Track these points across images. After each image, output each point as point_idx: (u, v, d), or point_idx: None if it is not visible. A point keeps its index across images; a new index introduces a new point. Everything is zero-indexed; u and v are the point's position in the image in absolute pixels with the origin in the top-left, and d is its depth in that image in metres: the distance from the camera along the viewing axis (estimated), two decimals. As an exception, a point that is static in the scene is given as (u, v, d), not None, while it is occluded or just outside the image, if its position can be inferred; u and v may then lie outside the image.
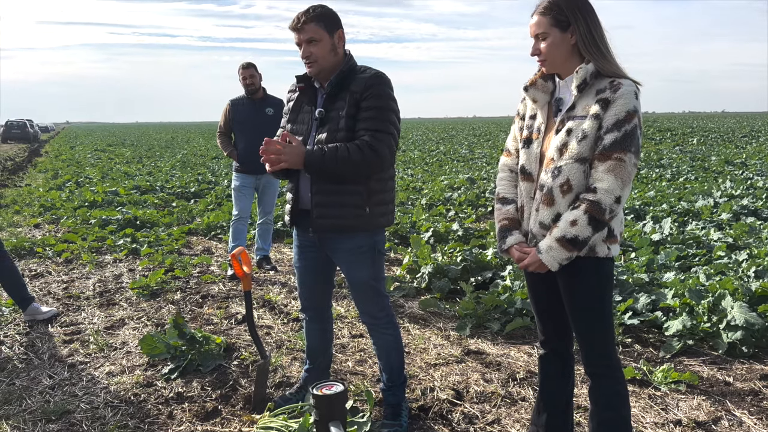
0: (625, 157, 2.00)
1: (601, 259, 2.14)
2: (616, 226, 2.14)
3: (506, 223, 2.29)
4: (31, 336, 4.15)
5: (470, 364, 3.61)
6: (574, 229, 2.04)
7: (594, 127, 2.03)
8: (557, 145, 2.10)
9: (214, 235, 7.65)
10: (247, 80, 5.45)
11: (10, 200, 10.68)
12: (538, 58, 2.18)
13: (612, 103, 2.02)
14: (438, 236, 6.84)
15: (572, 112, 2.11)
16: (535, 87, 2.23)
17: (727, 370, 3.49)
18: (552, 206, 2.12)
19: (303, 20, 2.53)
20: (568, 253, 2.07)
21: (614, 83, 2.05)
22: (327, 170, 2.50)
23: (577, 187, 2.08)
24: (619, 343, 3.84)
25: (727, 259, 5.24)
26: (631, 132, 2.00)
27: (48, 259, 6.37)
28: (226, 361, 3.65)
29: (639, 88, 2.06)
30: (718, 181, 11.31)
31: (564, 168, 2.07)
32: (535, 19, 2.14)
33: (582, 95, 2.10)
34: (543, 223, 2.15)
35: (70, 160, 20.98)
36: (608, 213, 2.02)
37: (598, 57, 2.09)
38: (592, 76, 2.08)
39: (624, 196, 2.03)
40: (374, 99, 2.53)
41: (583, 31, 2.09)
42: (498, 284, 4.71)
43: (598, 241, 2.10)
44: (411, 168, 16.49)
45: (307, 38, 2.54)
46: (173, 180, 13.32)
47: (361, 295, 2.81)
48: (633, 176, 2.04)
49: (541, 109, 2.24)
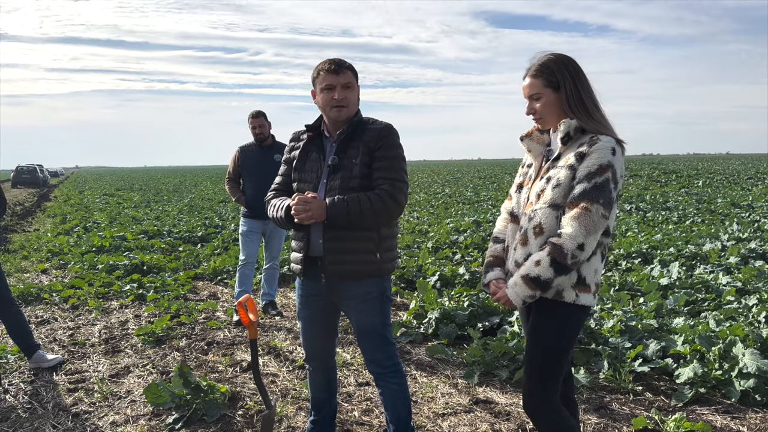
0: (592, 207, 2.09)
1: (569, 305, 2.20)
2: (587, 275, 2.20)
3: (491, 260, 2.47)
4: (36, 384, 4.12)
5: (479, 413, 3.55)
6: (537, 268, 2.14)
7: (568, 177, 2.15)
8: (537, 191, 2.25)
9: (221, 279, 7.65)
10: (256, 129, 5.56)
11: (18, 245, 10.74)
12: (534, 117, 2.32)
13: (587, 156, 2.13)
14: (444, 280, 6.82)
15: (556, 162, 2.24)
16: (531, 138, 2.40)
17: (740, 419, 3.42)
18: (525, 246, 2.24)
19: (344, 66, 2.63)
20: (531, 291, 2.17)
21: (593, 138, 2.16)
22: (351, 222, 2.55)
23: (548, 231, 2.18)
24: (629, 391, 3.78)
25: (737, 303, 5.19)
26: (602, 184, 2.10)
27: (54, 305, 6.37)
28: (230, 411, 3.61)
29: (622, 145, 2.17)
30: (725, 223, 11.29)
31: (538, 212, 2.21)
32: (528, 81, 2.29)
33: (566, 147, 2.23)
34: (517, 261, 2.27)
35: (78, 205, 21.19)
36: (570, 258, 2.10)
37: (581, 115, 2.22)
38: (576, 131, 2.21)
39: (588, 244, 2.10)
40: (388, 149, 2.63)
41: (569, 91, 2.23)
42: (506, 330, 4.67)
43: (567, 286, 2.18)
44: (417, 211, 16.55)
45: (345, 82, 2.63)
46: (180, 224, 13.39)
47: (369, 343, 2.80)
48: (600, 227, 2.11)
49: (536, 159, 2.39)
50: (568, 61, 2.24)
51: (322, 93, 2.65)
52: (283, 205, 2.64)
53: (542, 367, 2.28)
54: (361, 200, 2.53)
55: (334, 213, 2.53)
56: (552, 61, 2.24)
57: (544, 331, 2.26)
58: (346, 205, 2.53)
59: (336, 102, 2.62)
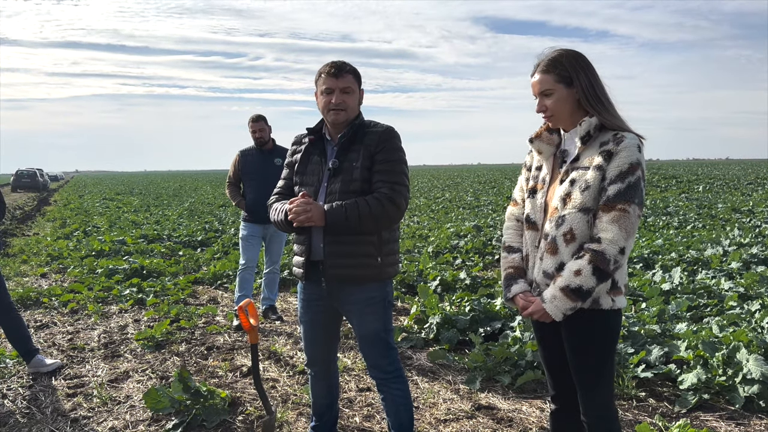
0: (629, 208, 2.01)
1: (606, 311, 2.13)
2: (620, 278, 2.13)
3: (511, 271, 2.31)
4: (35, 389, 4.09)
5: (481, 420, 3.52)
6: (578, 279, 2.04)
7: (597, 178, 2.06)
8: (561, 195, 2.13)
9: (221, 284, 7.62)
10: (256, 133, 5.54)
11: (18, 249, 10.72)
12: (545, 114, 2.21)
13: (615, 155, 2.05)
14: (445, 285, 6.79)
15: (576, 163, 2.14)
16: (540, 139, 2.28)
17: (745, 425, 3.39)
18: (555, 255, 2.13)
19: (345, 70, 2.60)
20: (572, 303, 2.06)
21: (618, 136, 2.08)
22: (350, 227, 2.52)
23: (581, 237, 2.09)
24: (632, 397, 3.75)
25: (740, 309, 5.17)
26: (635, 184, 2.02)
27: (53, 309, 6.34)
28: (230, 417, 3.58)
29: (642, 141, 2.10)
30: (726, 229, 11.27)
31: (567, 217, 2.10)
32: (538, 77, 2.19)
33: (586, 147, 2.14)
34: (546, 272, 2.16)
35: (78, 209, 21.16)
36: (612, 264, 2.02)
37: (601, 110, 2.13)
38: (596, 129, 2.12)
39: (628, 247, 2.03)
40: (389, 152, 2.61)
41: (585, 86, 2.14)
42: (508, 335, 4.64)
43: (603, 293, 2.10)
44: (417, 215, 16.53)
45: (344, 86, 2.60)
46: (180, 228, 13.37)
47: (371, 348, 2.77)
48: (637, 227, 2.05)
49: (546, 161, 2.28)
50: (578, 56, 2.15)
51: (321, 95, 2.64)
52: (284, 208, 2.62)
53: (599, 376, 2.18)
54: (359, 206, 2.51)
55: (332, 219, 2.51)
56: (563, 56, 2.15)
57: (588, 345, 2.16)
58: (344, 211, 2.51)
59: (333, 105, 2.60)
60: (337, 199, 2.57)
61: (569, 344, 2.22)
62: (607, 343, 2.18)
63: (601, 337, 2.16)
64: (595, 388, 2.21)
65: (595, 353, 2.17)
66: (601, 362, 2.18)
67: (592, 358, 2.18)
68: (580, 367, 2.21)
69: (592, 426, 2.23)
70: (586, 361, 2.19)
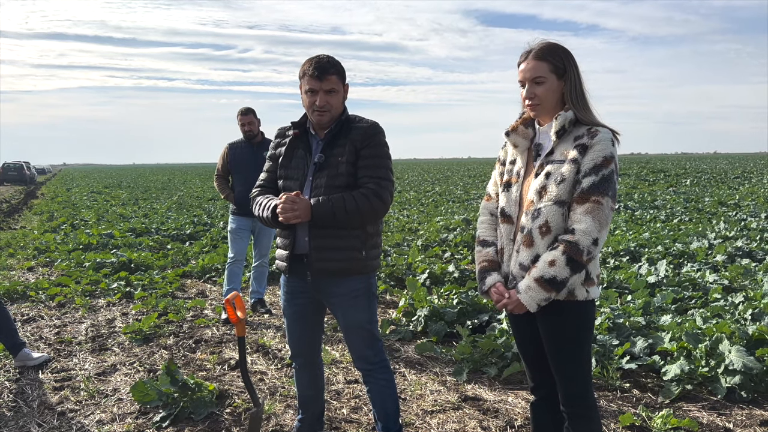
0: (603, 200, 2.06)
1: (581, 302, 2.17)
2: (593, 270, 2.18)
3: (485, 264, 2.33)
4: (21, 383, 4.08)
5: (467, 411, 3.55)
6: (552, 269, 2.07)
7: (572, 171, 2.10)
8: (536, 188, 2.16)
9: (209, 277, 7.60)
10: (245, 126, 5.53)
11: (4, 243, 10.63)
12: (532, 102, 2.20)
13: (590, 149, 2.09)
14: (434, 278, 6.82)
15: (551, 156, 2.18)
16: (516, 133, 2.30)
17: (726, 415, 3.44)
18: (531, 247, 2.16)
19: (328, 72, 2.57)
20: (546, 294, 2.10)
21: (592, 130, 2.12)
22: (336, 221, 2.54)
23: (556, 229, 2.12)
24: (617, 388, 3.80)
25: (724, 301, 5.23)
26: (608, 176, 2.07)
27: (40, 302, 6.31)
28: (218, 409, 3.59)
29: (617, 136, 2.14)
30: (712, 222, 11.37)
31: (543, 210, 2.13)
32: (531, 64, 2.17)
33: (560, 141, 2.17)
34: (523, 264, 2.18)
35: (65, 202, 21.00)
36: (586, 254, 2.06)
37: (579, 107, 2.17)
38: (571, 123, 2.16)
39: (601, 239, 2.08)
40: (374, 148, 2.63)
41: (573, 81, 2.17)
42: (495, 327, 4.68)
43: (577, 284, 2.14)
44: (407, 209, 16.54)
45: (329, 88, 2.59)
46: (169, 222, 13.30)
47: (356, 340, 2.79)
48: (610, 220, 2.09)
49: (521, 154, 2.30)
50: (569, 52, 2.19)
51: (305, 94, 2.64)
52: (270, 204, 2.62)
53: (576, 366, 2.21)
54: (346, 200, 2.53)
55: (318, 213, 2.52)
56: (558, 48, 2.17)
57: (565, 335, 2.20)
58: (331, 205, 2.52)
59: (317, 107, 2.60)
60: (323, 194, 2.58)
61: (545, 336, 2.25)
62: (583, 333, 2.21)
63: (576, 328, 2.20)
64: (573, 378, 2.24)
65: (572, 344, 2.21)
66: (578, 353, 2.22)
67: (568, 349, 2.21)
68: (557, 358, 2.24)
69: (571, 416, 2.26)
70: (562, 352, 2.22)
